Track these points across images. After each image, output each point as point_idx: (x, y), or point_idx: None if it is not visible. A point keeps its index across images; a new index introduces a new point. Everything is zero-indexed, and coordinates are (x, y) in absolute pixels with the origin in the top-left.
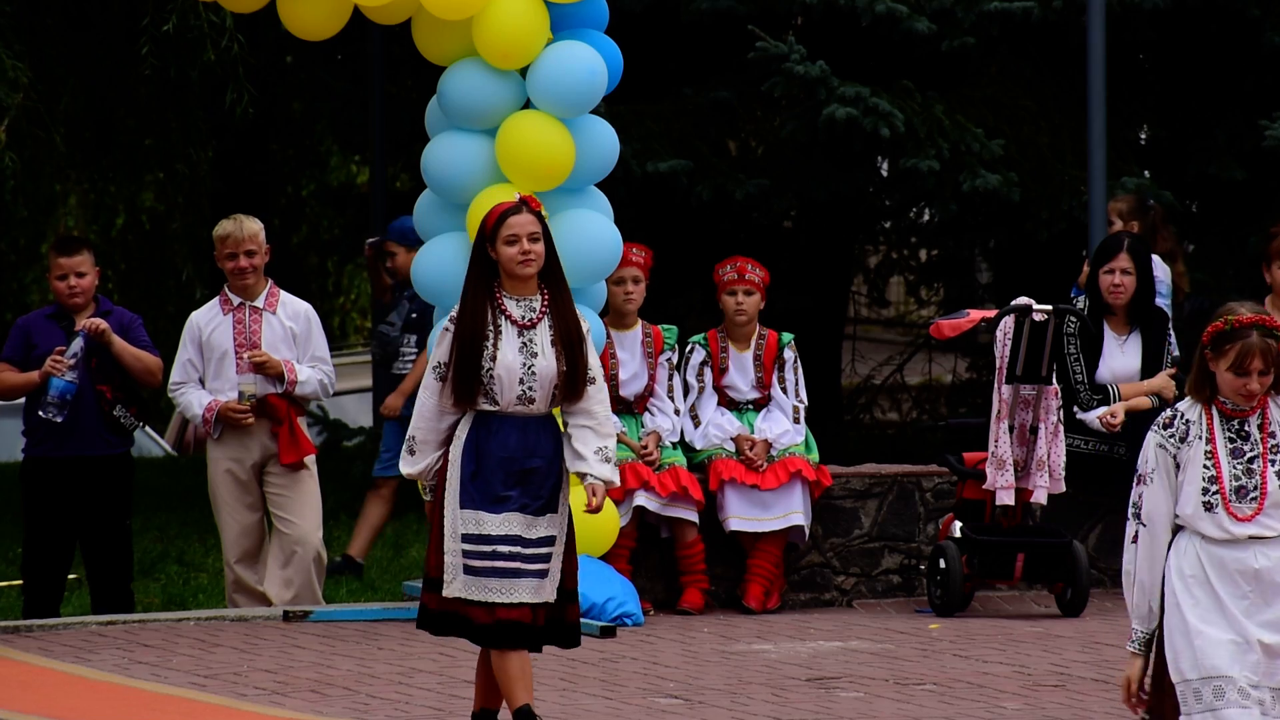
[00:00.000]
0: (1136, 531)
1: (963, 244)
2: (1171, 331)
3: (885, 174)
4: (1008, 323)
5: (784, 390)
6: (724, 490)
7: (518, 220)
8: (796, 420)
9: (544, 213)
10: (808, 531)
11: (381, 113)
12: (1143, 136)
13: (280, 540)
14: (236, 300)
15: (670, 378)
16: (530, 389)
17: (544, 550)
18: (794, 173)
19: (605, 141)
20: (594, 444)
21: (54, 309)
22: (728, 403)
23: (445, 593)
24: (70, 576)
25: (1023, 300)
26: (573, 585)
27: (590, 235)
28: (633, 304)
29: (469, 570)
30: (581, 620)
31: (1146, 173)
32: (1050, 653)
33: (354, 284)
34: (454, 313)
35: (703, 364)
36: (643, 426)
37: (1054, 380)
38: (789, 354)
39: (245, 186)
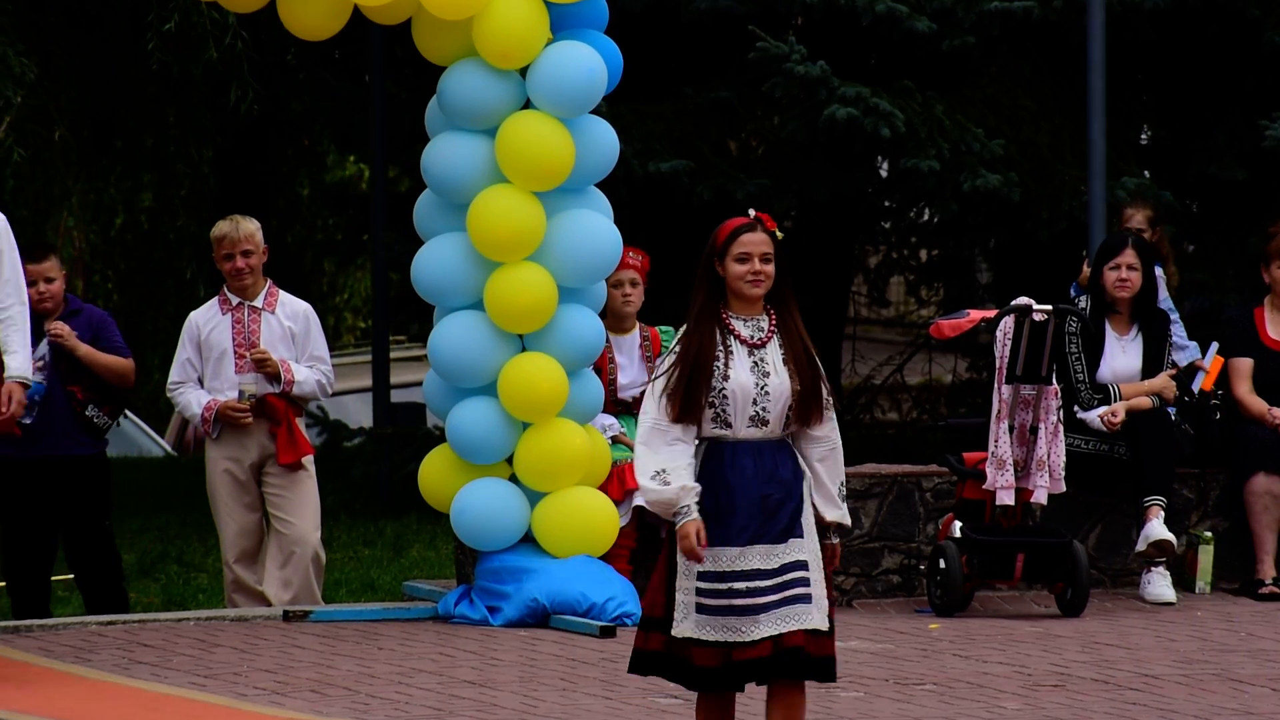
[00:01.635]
0: None
1: (963, 244)
2: (1178, 329)
3: (885, 174)
4: (1008, 323)
5: None
6: None
7: (751, 238)
8: None
9: (778, 232)
10: None
11: (381, 113)
12: (1143, 136)
13: (278, 540)
14: (235, 300)
15: None
16: (764, 409)
17: (793, 575)
18: (794, 173)
19: (605, 141)
20: (839, 480)
21: None
22: None
23: (674, 632)
24: (68, 577)
25: (1023, 300)
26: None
27: (590, 235)
28: (631, 307)
29: (702, 609)
30: (581, 620)
31: (1146, 173)
32: (1050, 653)
33: (350, 284)
34: (680, 334)
35: None
36: None
37: (1054, 380)
38: None
39: (246, 186)
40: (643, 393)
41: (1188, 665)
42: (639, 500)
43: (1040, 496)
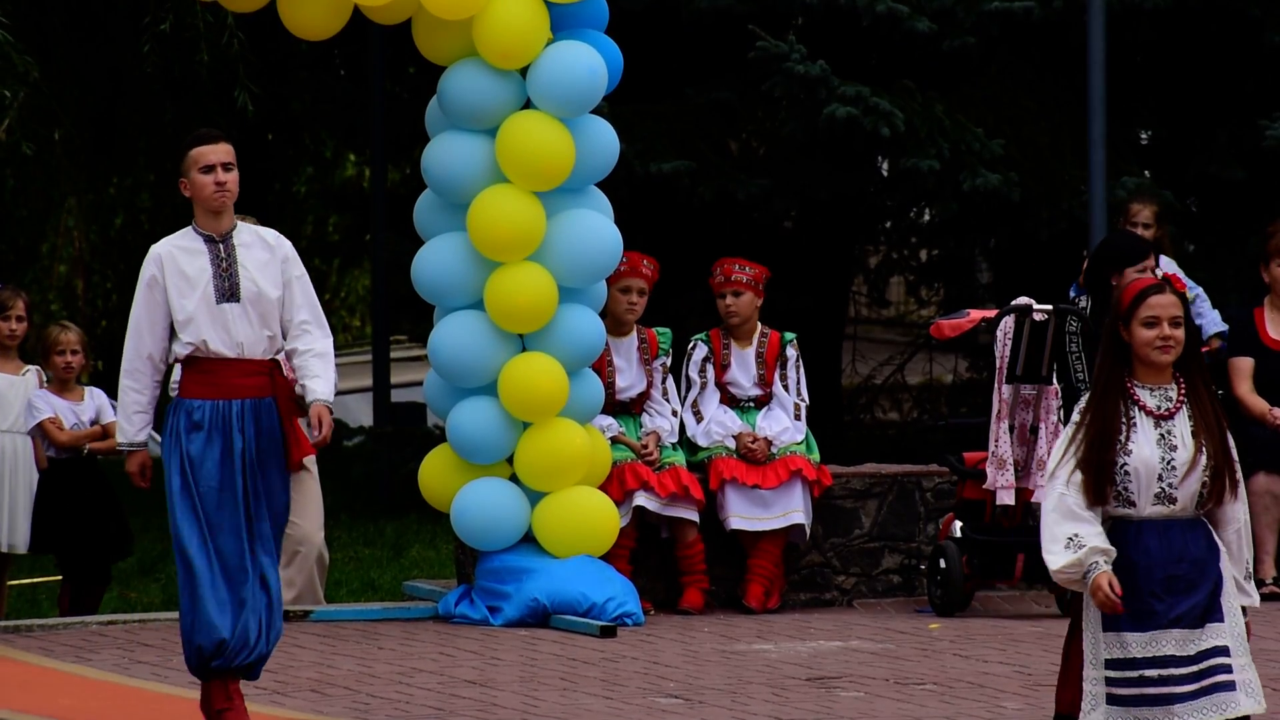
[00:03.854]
0: None
1: (963, 244)
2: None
3: (885, 174)
4: (1008, 323)
5: (785, 389)
6: (724, 490)
7: (1159, 301)
8: (797, 417)
9: (1189, 294)
10: (808, 531)
11: (381, 113)
12: (1143, 136)
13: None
14: None
15: (665, 380)
16: (1170, 485)
17: (1213, 662)
18: (795, 172)
19: (605, 141)
20: (1244, 561)
21: None
22: (729, 400)
23: None
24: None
25: (1023, 300)
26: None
27: (590, 235)
28: (634, 314)
29: (1113, 700)
30: (582, 620)
31: (1146, 173)
32: (1050, 653)
33: (344, 283)
34: (1082, 403)
35: (705, 360)
36: (641, 427)
37: (1054, 380)
38: (791, 352)
39: (247, 185)
40: (641, 395)
41: None
42: (639, 500)
43: (1041, 496)
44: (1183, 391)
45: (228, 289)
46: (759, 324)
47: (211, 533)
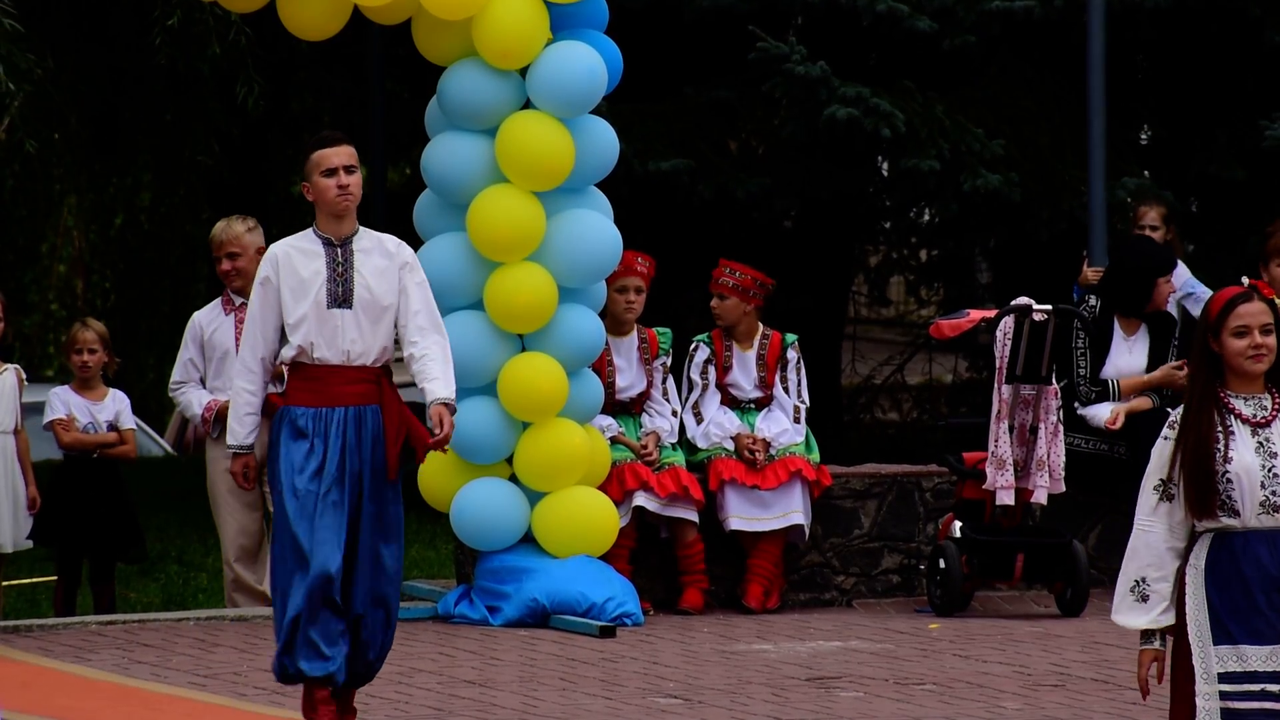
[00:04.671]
0: None
1: (963, 244)
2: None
3: (886, 174)
4: (1008, 323)
5: (786, 390)
6: (724, 490)
7: (1248, 309)
8: (797, 420)
9: (1278, 300)
10: (808, 531)
11: (381, 113)
12: (1143, 136)
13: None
14: (238, 300)
15: (665, 380)
16: (1274, 493)
17: None
18: (795, 172)
19: (605, 141)
20: None
21: None
22: (730, 401)
23: None
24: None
25: (1023, 300)
26: None
27: (590, 235)
28: (633, 313)
29: (1229, 715)
30: (581, 620)
31: (1146, 173)
32: (1050, 653)
33: None
34: (1173, 418)
35: (706, 361)
36: (641, 427)
37: (1054, 380)
38: (792, 354)
39: (248, 185)
40: (641, 395)
41: None
42: (639, 500)
43: (1040, 496)
44: (1277, 399)
45: (341, 294)
46: (760, 325)
47: (311, 541)
